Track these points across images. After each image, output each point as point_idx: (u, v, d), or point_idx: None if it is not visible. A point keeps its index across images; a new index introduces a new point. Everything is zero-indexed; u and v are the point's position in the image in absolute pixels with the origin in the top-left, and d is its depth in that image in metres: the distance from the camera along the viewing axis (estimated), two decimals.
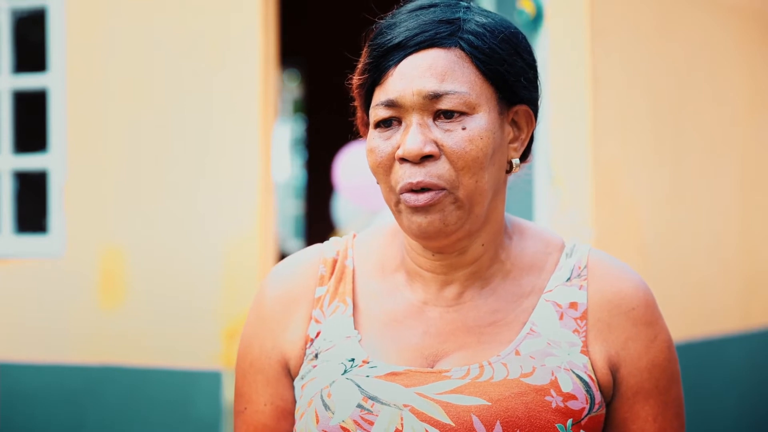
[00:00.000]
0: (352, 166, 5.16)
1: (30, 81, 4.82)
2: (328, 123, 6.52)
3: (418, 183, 1.34)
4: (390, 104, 1.36)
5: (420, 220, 1.35)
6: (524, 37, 1.42)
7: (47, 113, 4.71)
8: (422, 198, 1.34)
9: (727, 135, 5.04)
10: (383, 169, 1.38)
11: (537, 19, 4.09)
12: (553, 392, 1.35)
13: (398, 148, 1.36)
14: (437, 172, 1.34)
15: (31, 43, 4.88)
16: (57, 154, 4.68)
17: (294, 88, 10.81)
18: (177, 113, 4.51)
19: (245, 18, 4.41)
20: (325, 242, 1.53)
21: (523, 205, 4.12)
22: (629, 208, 4.39)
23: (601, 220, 4.16)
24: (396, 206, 1.38)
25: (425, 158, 1.34)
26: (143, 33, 4.57)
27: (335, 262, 1.49)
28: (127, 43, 4.59)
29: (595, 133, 4.12)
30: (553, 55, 4.10)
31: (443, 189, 1.34)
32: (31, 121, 4.80)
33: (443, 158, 1.35)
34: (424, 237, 1.37)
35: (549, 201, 4.10)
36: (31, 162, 4.84)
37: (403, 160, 1.35)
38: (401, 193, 1.36)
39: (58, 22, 4.67)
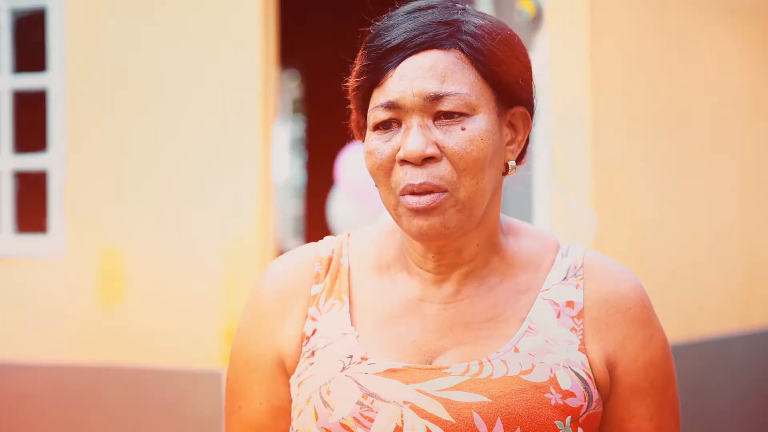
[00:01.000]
0: (356, 165, 5.16)
1: (30, 81, 4.82)
2: (328, 123, 6.52)
3: (420, 185, 1.33)
4: (390, 106, 1.35)
5: (421, 223, 1.35)
6: (519, 39, 1.42)
7: (47, 113, 4.71)
8: (424, 200, 1.34)
9: (727, 135, 5.04)
10: (383, 171, 1.37)
11: (537, 19, 4.09)
12: (552, 389, 1.35)
13: (398, 150, 1.35)
14: (439, 173, 1.34)
15: (31, 43, 4.88)
16: (57, 154, 4.68)
17: (294, 88, 10.80)
18: (177, 113, 4.51)
19: (245, 18, 4.41)
20: (320, 241, 1.53)
21: (524, 204, 4.12)
22: (629, 208, 4.39)
23: (601, 220, 4.16)
24: (395, 209, 1.37)
25: (426, 160, 1.34)
26: (143, 33, 4.57)
27: (330, 260, 1.49)
28: (127, 43, 4.59)
29: (595, 133, 4.12)
30: (553, 55, 4.10)
31: (445, 191, 1.34)
32: (31, 121, 4.80)
33: (444, 160, 1.34)
34: (424, 239, 1.37)
35: (549, 201, 4.10)
36: (30, 162, 4.84)
37: (404, 162, 1.35)
38: (402, 195, 1.35)
39: (58, 22, 4.67)
